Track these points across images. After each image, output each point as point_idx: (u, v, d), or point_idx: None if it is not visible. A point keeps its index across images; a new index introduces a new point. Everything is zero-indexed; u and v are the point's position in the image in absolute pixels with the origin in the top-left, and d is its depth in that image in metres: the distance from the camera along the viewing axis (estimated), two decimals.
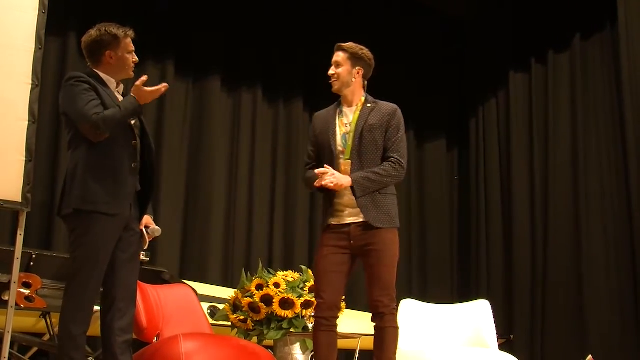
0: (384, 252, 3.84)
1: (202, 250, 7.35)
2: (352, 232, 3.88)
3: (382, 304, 3.82)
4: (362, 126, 3.96)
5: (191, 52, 7.65)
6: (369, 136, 3.94)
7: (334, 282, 3.87)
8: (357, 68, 4.11)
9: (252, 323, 4.92)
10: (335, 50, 4.17)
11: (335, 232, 3.92)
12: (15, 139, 4.23)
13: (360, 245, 3.86)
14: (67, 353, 3.47)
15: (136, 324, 4.45)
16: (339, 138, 4.01)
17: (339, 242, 3.89)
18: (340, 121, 4.07)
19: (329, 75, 4.12)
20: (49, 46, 5.96)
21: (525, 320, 7.66)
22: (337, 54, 4.15)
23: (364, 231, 3.86)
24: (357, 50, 4.14)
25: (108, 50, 3.73)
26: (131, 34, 3.79)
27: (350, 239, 3.88)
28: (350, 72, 4.10)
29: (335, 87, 4.12)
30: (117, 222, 3.57)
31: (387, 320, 3.82)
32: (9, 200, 4.20)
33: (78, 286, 3.53)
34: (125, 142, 3.66)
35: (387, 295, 3.83)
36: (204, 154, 7.58)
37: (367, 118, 3.98)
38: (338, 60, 4.12)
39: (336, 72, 4.10)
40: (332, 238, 3.91)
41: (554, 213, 7.68)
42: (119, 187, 3.58)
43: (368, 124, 3.96)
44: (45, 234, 6.49)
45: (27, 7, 4.38)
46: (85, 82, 3.61)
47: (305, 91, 8.36)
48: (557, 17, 8.08)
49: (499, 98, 8.57)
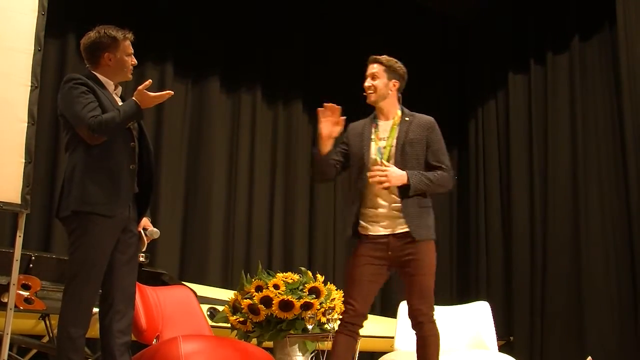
0: (423, 261, 3.87)
1: (202, 251, 7.35)
2: (390, 243, 3.90)
3: (421, 313, 3.85)
4: (404, 140, 3.98)
5: (190, 53, 7.65)
6: (410, 150, 3.97)
7: (366, 292, 3.91)
8: (393, 81, 4.11)
9: (251, 325, 4.92)
10: (370, 62, 4.16)
11: (372, 243, 3.92)
12: (14, 140, 4.23)
13: (398, 255, 3.88)
14: (66, 355, 3.47)
15: (135, 326, 4.45)
16: (372, 151, 4.02)
17: (375, 253, 3.91)
18: (376, 135, 4.08)
19: (365, 87, 4.12)
20: (48, 48, 5.95)
21: (525, 322, 7.66)
22: (372, 66, 4.14)
23: (403, 242, 3.88)
24: (392, 63, 4.14)
25: (106, 52, 3.73)
26: (130, 37, 3.79)
27: (388, 249, 3.90)
28: (386, 84, 4.11)
29: (371, 98, 4.13)
30: (115, 224, 3.57)
31: (428, 328, 3.86)
32: (8, 202, 4.20)
33: (77, 288, 3.52)
34: (123, 144, 3.65)
35: (425, 303, 3.86)
36: (203, 155, 7.58)
37: (407, 132, 4.00)
38: (374, 73, 4.11)
39: (373, 84, 4.10)
40: (369, 248, 3.92)
41: (553, 214, 7.68)
42: (117, 188, 3.57)
43: (409, 138, 3.99)
44: (45, 236, 6.48)
45: (26, 9, 4.38)
46: (83, 84, 3.60)
47: (304, 92, 8.36)
48: (556, 18, 8.09)
49: (498, 99, 8.58)
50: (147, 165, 3.79)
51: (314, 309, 4.84)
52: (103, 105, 3.59)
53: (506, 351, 5.81)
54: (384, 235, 3.91)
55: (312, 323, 4.73)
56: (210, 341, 4.52)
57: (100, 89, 3.67)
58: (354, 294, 3.89)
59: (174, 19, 7.55)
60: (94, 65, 3.76)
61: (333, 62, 8.47)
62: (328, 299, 4.96)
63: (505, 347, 6.91)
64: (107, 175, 3.56)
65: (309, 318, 4.71)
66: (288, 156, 8.19)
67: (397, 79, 4.12)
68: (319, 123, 4.04)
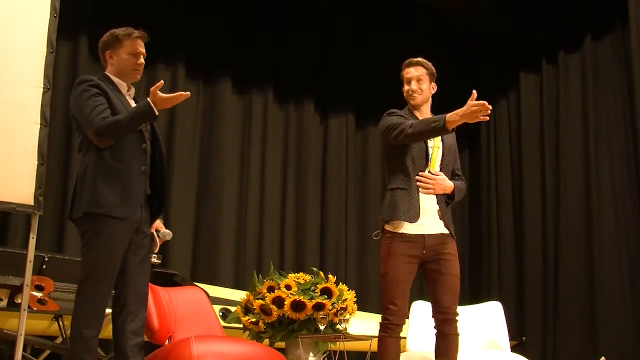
0: (454, 262, 4.00)
1: (214, 252, 7.36)
2: (426, 242, 3.96)
3: (451, 312, 3.94)
4: (449, 145, 4.16)
5: (202, 55, 7.66)
6: (448, 154, 4.14)
7: (407, 291, 3.97)
8: (433, 84, 4.27)
9: (263, 325, 4.92)
10: (413, 65, 4.23)
11: (408, 242, 3.96)
12: (27, 142, 4.25)
13: (432, 254, 3.96)
14: (79, 356, 3.47)
15: (148, 327, 4.46)
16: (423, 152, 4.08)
17: (411, 252, 3.95)
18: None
19: (412, 90, 4.18)
20: (60, 50, 5.98)
21: (537, 322, 7.63)
22: (417, 69, 4.22)
23: (437, 241, 3.97)
24: (431, 67, 4.28)
25: (108, 51, 3.75)
26: (136, 35, 3.75)
27: (424, 248, 3.96)
28: (429, 88, 4.25)
29: (416, 101, 4.20)
30: (127, 225, 3.57)
31: (454, 327, 3.95)
32: (22, 203, 4.22)
33: (89, 289, 3.53)
34: (135, 146, 3.66)
35: (455, 303, 3.96)
36: (214, 155, 7.60)
37: (448, 137, 4.16)
38: (420, 76, 4.21)
39: (419, 87, 4.19)
40: (405, 247, 3.96)
41: (566, 214, 7.65)
42: (129, 190, 3.58)
43: (448, 143, 4.16)
44: (58, 237, 6.51)
45: (38, 11, 4.41)
46: (94, 86, 3.61)
47: (315, 93, 8.36)
48: (567, 17, 8.06)
49: (509, 99, 8.56)
50: (159, 167, 3.79)
51: (325, 310, 4.83)
52: (114, 107, 3.59)
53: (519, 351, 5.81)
54: (420, 235, 3.97)
55: (324, 323, 4.73)
56: (223, 342, 4.53)
57: (113, 90, 3.67)
58: (398, 294, 3.93)
59: (185, 21, 7.56)
60: (105, 66, 3.79)
61: (344, 63, 8.48)
62: (340, 300, 4.95)
63: (518, 348, 6.89)
64: (119, 177, 3.56)
65: (321, 318, 4.71)
66: (299, 157, 8.19)
67: (435, 82, 4.29)
68: None
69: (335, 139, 8.44)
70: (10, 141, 4.20)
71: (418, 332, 5.28)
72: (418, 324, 5.32)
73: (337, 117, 8.49)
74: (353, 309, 5.03)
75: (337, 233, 8.20)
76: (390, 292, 3.95)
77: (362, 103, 8.63)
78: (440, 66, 9.30)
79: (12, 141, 4.21)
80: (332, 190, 8.26)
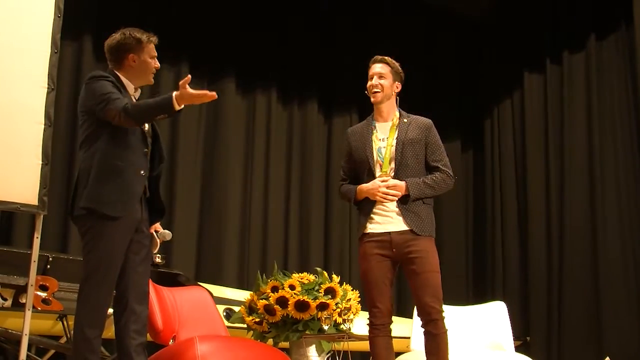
0: (428, 258, 3.94)
1: (218, 252, 7.36)
2: (393, 239, 3.95)
3: (434, 310, 3.90)
4: (403, 140, 4.05)
5: (206, 54, 7.67)
6: (410, 149, 4.05)
7: (385, 291, 3.97)
8: (397, 83, 4.20)
9: (267, 325, 4.92)
10: (376, 62, 4.20)
11: (375, 241, 3.98)
12: (31, 142, 4.26)
13: (402, 252, 3.94)
14: (83, 356, 3.48)
15: (152, 327, 4.47)
16: (375, 152, 4.07)
17: (381, 251, 3.96)
18: (375, 135, 4.13)
19: (373, 85, 4.15)
20: (64, 50, 5.98)
21: (541, 322, 7.62)
22: (380, 66, 4.19)
23: (405, 239, 3.94)
24: (397, 66, 4.23)
25: (131, 54, 3.75)
26: (154, 40, 3.82)
27: (392, 247, 3.95)
28: (392, 85, 4.18)
29: (377, 98, 4.16)
30: (127, 225, 3.58)
31: (440, 326, 3.91)
32: (26, 203, 4.23)
33: (91, 289, 3.54)
34: (138, 149, 3.67)
35: (437, 300, 3.91)
36: (218, 155, 7.60)
37: (407, 132, 4.08)
38: (382, 73, 4.16)
39: (380, 83, 4.14)
40: (374, 247, 3.98)
41: (570, 214, 7.64)
42: (127, 190, 3.58)
43: (408, 137, 4.06)
44: (62, 237, 6.52)
45: (42, 12, 4.41)
46: (109, 81, 3.64)
47: (319, 92, 8.37)
48: (572, 17, 8.05)
49: (513, 99, 8.54)
50: (157, 171, 3.82)
51: (329, 310, 4.83)
52: None
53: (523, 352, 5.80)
54: (386, 233, 3.97)
55: (328, 323, 4.73)
56: (227, 342, 4.53)
57: (122, 90, 3.68)
58: (376, 296, 3.95)
59: (189, 20, 7.57)
60: (118, 66, 3.78)
61: (347, 63, 8.48)
62: (344, 300, 4.95)
63: (522, 348, 6.88)
64: (119, 176, 3.56)
65: (324, 318, 4.71)
66: (303, 156, 8.19)
67: (399, 81, 4.22)
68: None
69: (339, 139, 8.42)
70: (15, 141, 4.21)
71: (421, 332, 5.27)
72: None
73: (340, 117, 8.49)
74: (357, 309, 5.03)
75: (341, 233, 8.19)
76: (370, 294, 3.99)
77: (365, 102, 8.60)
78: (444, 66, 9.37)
79: (17, 141, 4.22)
80: (336, 189, 8.23)
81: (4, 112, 4.19)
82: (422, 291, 3.91)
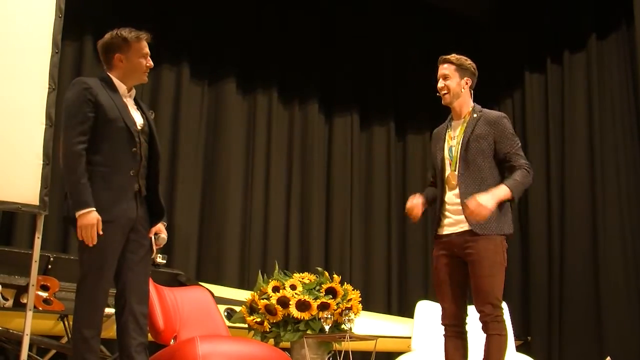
0: (480, 262, 3.87)
1: (219, 252, 7.36)
2: (453, 241, 3.94)
3: (484, 314, 3.87)
4: (469, 136, 3.98)
5: (206, 55, 7.67)
6: (474, 145, 3.97)
7: (448, 291, 3.98)
8: (465, 79, 4.12)
9: (268, 325, 4.93)
10: (441, 63, 4.14)
11: (442, 242, 4.00)
12: (32, 142, 4.27)
13: (462, 254, 3.92)
14: (82, 356, 3.49)
15: (153, 326, 4.47)
16: (446, 151, 4.04)
17: (445, 252, 3.97)
18: (449, 135, 4.09)
19: (440, 88, 4.11)
20: (65, 50, 5.99)
21: (542, 322, 7.61)
22: (443, 67, 4.13)
23: (463, 240, 3.91)
24: (463, 61, 4.14)
25: (117, 54, 3.72)
26: (144, 37, 3.76)
27: (454, 247, 3.94)
28: (459, 83, 4.10)
29: (446, 100, 4.11)
30: (118, 227, 3.56)
31: (491, 327, 3.86)
32: (27, 203, 4.24)
33: (87, 289, 3.55)
34: (126, 149, 3.63)
35: (488, 304, 3.86)
36: (219, 156, 7.60)
37: (474, 128, 4.01)
38: (446, 73, 4.10)
39: (446, 84, 4.09)
40: (440, 247, 4.00)
41: (571, 213, 7.63)
42: (116, 193, 3.56)
43: (475, 133, 3.99)
44: (63, 237, 6.51)
45: (43, 12, 4.42)
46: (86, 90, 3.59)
47: (320, 92, 8.36)
48: (572, 16, 8.04)
49: (514, 98, 8.53)
50: (153, 172, 3.79)
51: (330, 309, 4.84)
52: (103, 107, 3.58)
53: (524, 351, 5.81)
54: (447, 235, 3.97)
55: (329, 323, 4.74)
56: (228, 342, 4.53)
57: (109, 92, 3.65)
58: (440, 296, 4.00)
59: (190, 21, 7.57)
60: (109, 67, 3.77)
61: (348, 63, 8.49)
62: (345, 300, 4.96)
63: (523, 348, 6.88)
64: (107, 180, 3.54)
65: (325, 318, 4.72)
66: (304, 157, 8.19)
67: (468, 77, 4.13)
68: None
69: (340, 139, 8.44)
70: (16, 141, 4.22)
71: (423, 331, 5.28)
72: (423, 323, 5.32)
73: (341, 117, 8.48)
74: (358, 308, 5.04)
75: (342, 233, 8.19)
76: (436, 294, 4.04)
77: (367, 103, 8.63)
78: None
79: (18, 141, 4.22)
80: (337, 190, 8.26)
81: (5, 112, 4.20)
82: (474, 294, 3.92)
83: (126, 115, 3.66)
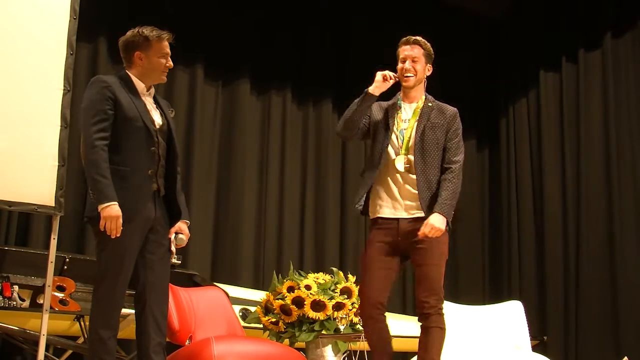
0: (432, 250, 3.79)
1: (233, 253, 7.37)
2: (400, 228, 3.83)
3: (428, 305, 3.74)
4: (425, 124, 3.91)
5: (221, 56, 7.68)
6: (430, 134, 3.89)
7: (377, 280, 3.82)
8: (428, 65, 4.04)
9: (283, 325, 4.93)
10: (410, 44, 4.02)
11: (382, 228, 3.88)
12: (47, 144, 4.29)
13: (408, 242, 3.81)
14: (98, 356, 3.50)
15: (168, 327, 4.47)
16: (395, 132, 3.95)
17: (385, 238, 3.86)
18: (399, 116, 3.99)
19: (406, 69, 3.98)
20: (79, 52, 6.00)
21: (558, 321, 7.58)
22: (413, 48, 4.00)
23: (413, 228, 3.79)
24: (429, 47, 4.05)
25: (138, 52, 3.71)
26: (166, 37, 3.75)
27: (398, 235, 3.83)
28: (424, 68, 4.02)
29: (410, 83, 3.99)
30: (136, 227, 3.57)
31: (433, 320, 3.75)
32: (43, 204, 4.26)
33: (104, 290, 3.55)
34: (144, 149, 3.64)
35: (433, 295, 3.75)
36: (234, 156, 7.61)
37: (430, 116, 3.93)
38: (415, 56, 3.99)
39: (414, 67, 3.98)
40: (379, 234, 3.88)
41: (587, 212, 7.60)
42: (134, 193, 3.56)
43: (431, 122, 3.91)
44: (79, 238, 6.54)
45: (58, 14, 4.44)
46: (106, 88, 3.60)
47: (334, 92, 8.35)
48: (587, 15, 8.01)
49: (529, 97, 8.50)
50: (172, 171, 3.79)
51: (345, 309, 4.84)
52: (122, 106, 3.58)
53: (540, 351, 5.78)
54: (393, 219, 3.86)
55: (344, 323, 4.73)
56: (243, 342, 4.54)
57: (127, 90, 3.65)
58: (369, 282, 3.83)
59: (204, 22, 7.58)
60: (128, 65, 3.76)
61: (362, 62, 8.46)
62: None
63: (539, 347, 6.85)
64: (125, 180, 3.55)
65: (340, 318, 4.71)
66: (318, 156, 8.19)
67: (431, 64, 4.06)
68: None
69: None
70: (31, 143, 4.24)
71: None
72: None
73: None
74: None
75: (357, 233, 8.18)
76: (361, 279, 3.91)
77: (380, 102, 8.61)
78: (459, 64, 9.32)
79: (33, 143, 4.24)
80: (351, 189, 8.24)
81: (21, 113, 4.22)
82: (418, 284, 3.79)
83: (144, 114, 3.66)
